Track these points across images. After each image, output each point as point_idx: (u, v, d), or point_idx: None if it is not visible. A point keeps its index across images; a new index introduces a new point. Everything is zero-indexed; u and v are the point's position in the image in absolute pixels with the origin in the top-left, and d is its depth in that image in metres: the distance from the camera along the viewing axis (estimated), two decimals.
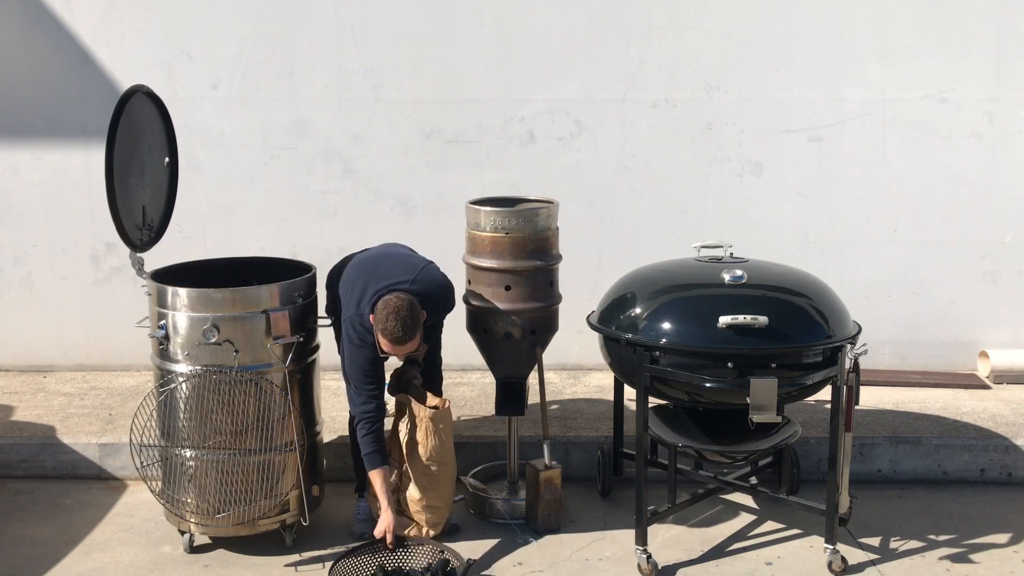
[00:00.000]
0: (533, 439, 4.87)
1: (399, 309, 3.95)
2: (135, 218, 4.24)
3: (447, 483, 4.32)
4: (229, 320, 4.04)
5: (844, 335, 4.02)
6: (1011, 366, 5.88)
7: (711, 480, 4.53)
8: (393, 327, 3.94)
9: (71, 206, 5.96)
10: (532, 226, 4.38)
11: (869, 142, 5.85)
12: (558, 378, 5.94)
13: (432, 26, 5.77)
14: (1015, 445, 4.95)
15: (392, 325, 3.94)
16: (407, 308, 3.97)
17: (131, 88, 4.19)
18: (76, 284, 6.06)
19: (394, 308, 3.96)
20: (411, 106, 5.84)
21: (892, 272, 5.98)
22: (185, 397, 4.08)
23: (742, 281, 4.03)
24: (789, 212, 5.92)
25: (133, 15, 5.77)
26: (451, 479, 4.35)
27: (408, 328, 3.96)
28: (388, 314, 3.95)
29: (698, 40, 5.76)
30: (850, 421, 4.08)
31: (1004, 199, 5.90)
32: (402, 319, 3.94)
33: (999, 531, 4.46)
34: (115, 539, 4.41)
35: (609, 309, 4.29)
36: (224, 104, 5.85)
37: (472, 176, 5.88)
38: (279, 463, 4.15)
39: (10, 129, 5.89)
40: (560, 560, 4.22)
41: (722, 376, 3.91)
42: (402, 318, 3.94)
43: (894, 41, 5.75)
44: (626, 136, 5.86)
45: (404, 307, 3.97)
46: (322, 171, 5.92)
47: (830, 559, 4.09)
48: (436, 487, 4.27)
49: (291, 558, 4.23)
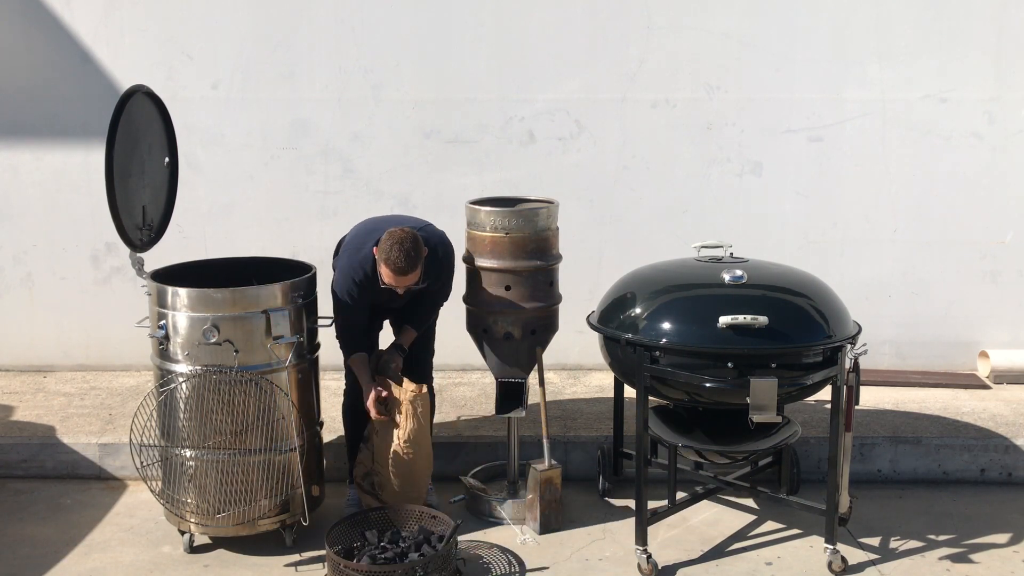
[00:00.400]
0: (533, 439, 4.87)
1: (403, 240, 4.06)
2: (135, 218, 4.24)
3: (422, 472, 4.37)
4: (229, 320, 4.04)
5: (844, 335, 4.03)
6: (1011, 366, 5.88)
7: (711, 480, 4.53)
8: (397, 256, 4.03)
9: (71, 206, 5.96)
10: (532, 226, 4.38)
11: (869, 142, 5.85)
12: (558, 378, 5.94)
13: (432, 26, 5.77)
14: (1015, 445, 4.95)
15: (396, 255, 4.03)
16: (411, 240, 4.07)
17: (131, 88, 4.19)
18: (76, 284, 6.06)
19: (398, 239, 4.06)
20: (411, 106, 5.85)
21: (892, 272, 5.98)
22: (185, 397, 4.08)
23: (742, 281, 4.03)
24: (789, 212, 5.92)
25: (133, 15, 5.77)
26: (426, 468, 4.40)
27: (411, 259, 4.05)
28: (392, 244, 4.05)
29: (698, 40, 5.76)
30: (850, 421, 4.08)
31: (1004, 199, 5.90)
32: (406, 249, 4.03)
33: (999, 531, 4.46)
34: (115, 539, 4.41)
35: (609, 309, 4.29)
36: (224, 104, 5.85)
37: (472, 176, 5.88)
38: (279, 463, 4.15)
39: (10, 129, 5.89)
40: (560, 560, 4.22)
41: (722, 376, 3.91)
42: (406, 249, 4.03)
43: (894, 41, 5.75)
44: (626, 136, 5.86)
45: (408, 239, 4.06)
46: (322, 171, 5.92)
47: (830, 559, 4.09)
48: (411, 475, 4.31)
49: (291, 558, 4.23)
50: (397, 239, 4.05)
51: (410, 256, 4.04)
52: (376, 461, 4.36)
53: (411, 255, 4.04)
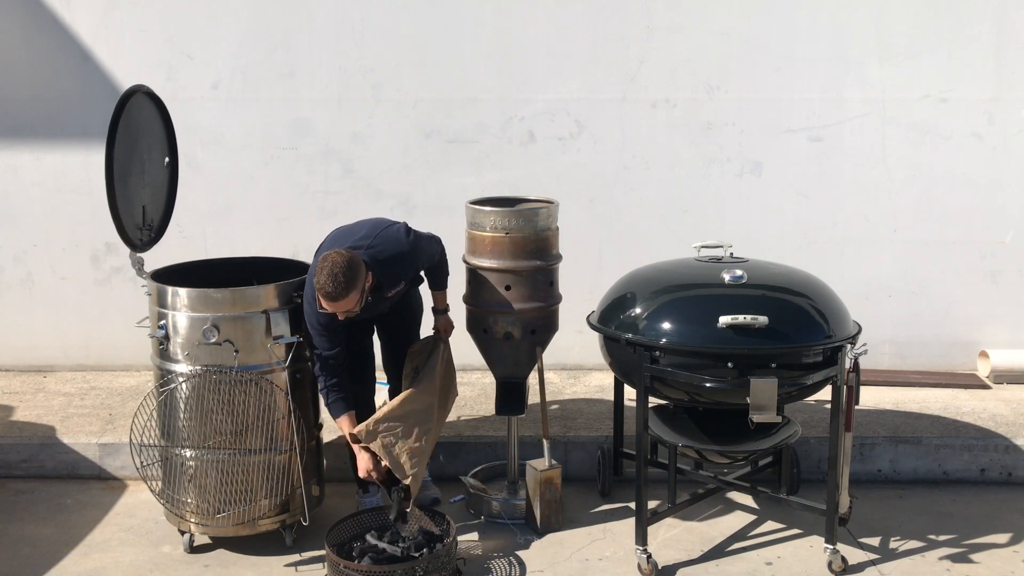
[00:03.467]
0: (533, 439, 4.87)
1: (334, 264, 3.82)
2: (135, 218, 4.24)
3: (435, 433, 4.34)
4: (229, 320, 4.04)
5: (844, 335, 4.02)
6: (1011, 366, 5.88)
7: (711, 480, 4.53)
8: (324, 282, 3.82)
9: (71, 206, 5.96)
10: (532, 226, 4.38)
11: (869, 142, 5.85)
12: (558, 378, 5.94)
13: (432, 26, 5.77)
14: (1015, 445, 4.95)
15: (323, 279, 3.82)
16: (343, 264, 3.83)
17: (131, 88, 4.19)
18: (76, 284, 6.06)
19: (329, 263, 3.83)
20: (411, 106, 5.85)
21: (892, 272, 5.98)
22: (185, 397, 4.08)
23: (742, 281, 4.03)
24: (789, 212, 5.92)
25: (133, 15, 5.77)
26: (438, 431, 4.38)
27: (339, 284, 3.81)
28: (321, 268, 3.84)
29: (698, 40, 5.76)
30: (850, 421, 4.08)
31: (1004, 199, 5.90)
32: (334, 275, 3.80)
33: (999, 531, 4.46)
34: (115, 539, 4.42)
35: (609, 309, 4.29)
36: (224, 104, 5.85)
37: (472, 176, 5.88)
38: (279, 463, 4.16)
39: (10, 129, 5.89)
40: (560, 560, 4.22)
41: (722, 376, 3.91)
42: (334, 274, 3.80)
43: (894, 41, 5.75)
44: (626, 136, 5.86)
45: (340, 263, 3.83)
46: (322, 171, 5.92)
47: (830, 559, 4.09)
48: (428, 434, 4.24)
49: (291, 558, 4.23)
50: (329, 263, 3.83)
51: (338, 281, 3.81)
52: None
53: (339, 280, 3.81)
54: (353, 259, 3.88)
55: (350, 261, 3.86)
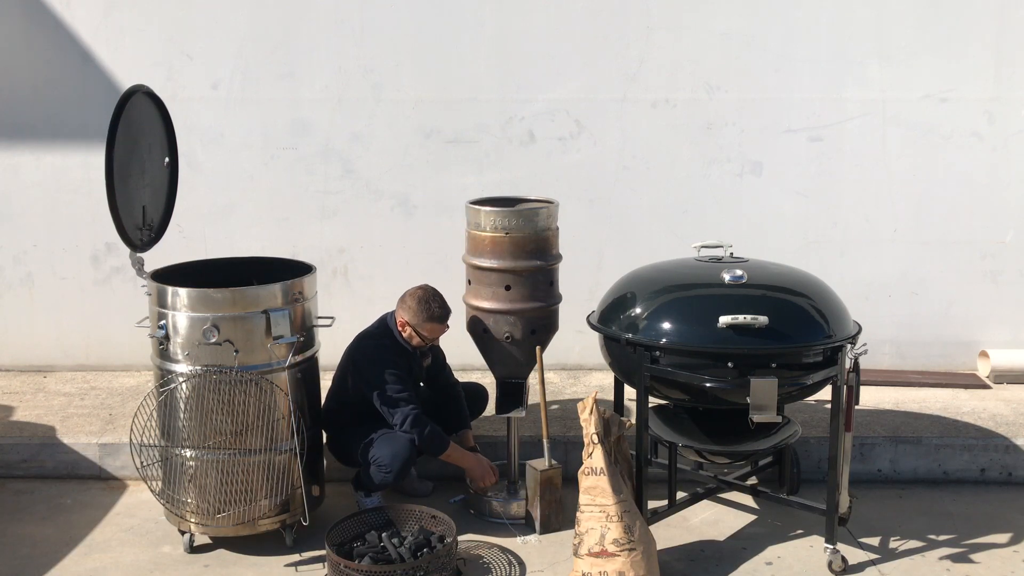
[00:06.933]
0: (533, 439, 4.87)
1: (428, 294, 4.34)
2: (135, 218, 4.24)
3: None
4: (229, 320, 4.04)
5: (844, 335, 4.03)
6: (1011, 366, 5.88)
7: (711, 480, 4.53)
8: (438, 306, 4.31)
9: (71, 206, 5.96)
10: (532, 226, 4.38)
11: (869, 142, 5.85)
12: (558, 378, 5.94)
13: (432, 26, 5.77)
14: (1015, 445, 4.95)
15: (436, 306, 4.31)
16: (433, 290, 4.37)
17: (131, 88, 4.19)
18: (76, 284, 6.06)
19: (427, 293, 4.33)
20: (411, 106, 5.85)
21: (892, 272, 5.98)
22: (185, 397, 4.08)
23: (742, 281, 4.03)
24: (789, 212, 5.92)
25: (133, 15, 5.77)
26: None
27: (446, 305, 4.36)
28: (426, 299, 4.31)
29: (698, 40, 5.76)
30: (850, 421, 4.08)
31: (1004, 199, 5.91)
32: (439, 299, 4.34)
33: (999, 531, 4.46)
34: (115, 539, 4.42)
35: (609, 309, 4.29)
36: (224, 104, 5.85)
37: (472, 176, 5.88)
38: (279, 463, 4.16)
39: (10, 129, 5.89)
40: (560, 560, 4.22)
41: (722, 376, 3.91)
42: (439, 299, 4.34)
43: (894, 41, 5.76)
44: (626, 136, 5.86)
45: (431, 289, 4.36)
46: (322, 171, 5.92)
47: (830, 559, 4.09)
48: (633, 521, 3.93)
49: (291, 558, 4.23)
50: (426, 294, 4.32)
51: (444, 301, 4.36)
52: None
53: (445, 301, 4.37)
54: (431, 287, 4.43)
55: (434, 289, 4.40)
